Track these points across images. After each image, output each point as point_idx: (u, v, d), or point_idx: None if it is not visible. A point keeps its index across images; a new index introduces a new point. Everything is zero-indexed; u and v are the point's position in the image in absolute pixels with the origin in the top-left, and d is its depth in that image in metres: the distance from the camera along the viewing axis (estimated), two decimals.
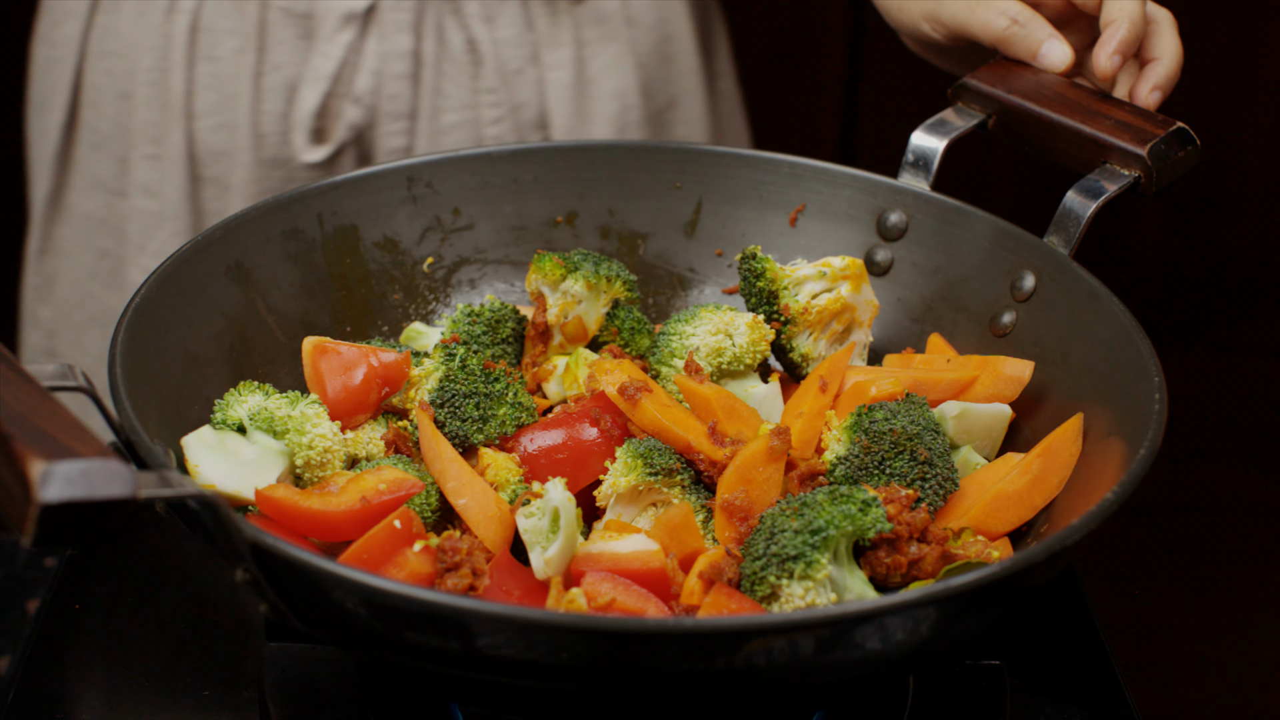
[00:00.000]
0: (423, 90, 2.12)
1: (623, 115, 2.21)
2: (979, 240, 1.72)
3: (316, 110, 2.09)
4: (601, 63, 2.20)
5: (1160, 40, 1.73)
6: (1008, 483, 1.49)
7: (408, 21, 2.09)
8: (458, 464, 1.50)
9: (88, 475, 1.12)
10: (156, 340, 1.53)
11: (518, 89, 2.16)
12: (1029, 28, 1.75)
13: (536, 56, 2.16)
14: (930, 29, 1.82)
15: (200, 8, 2.10)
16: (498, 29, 2.14)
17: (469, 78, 2.14)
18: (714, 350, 1.63)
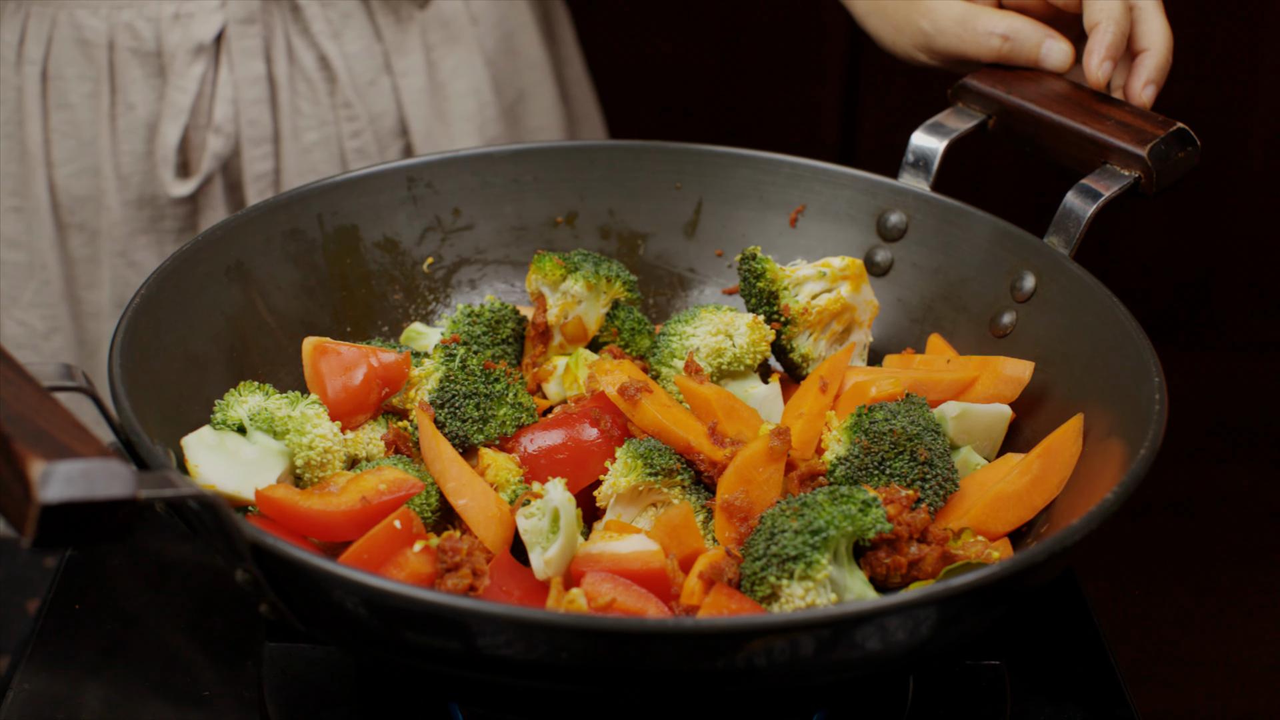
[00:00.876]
0: (281, 112, 2.12)
1: (480, 112, 2.22)
2: (979, 241, 1.72)
3: (179, 144, 2.09)
4: (451, 64, 2.21)
5: (1147, 28, 1.73)
6: (1008, 483, 1.49)
7: (257, 47, 2.09)
8: (458, 464, 1.50)
9: (88, 475, 1.12)
10: (156, 340, 1.53)
11: (373, 100, 2.16)
12: (1021, 38, 1.75)
13: (388, 66, 2.17)
14: (927, 59, 1.82)
15: (48, 57, 2.10)
16: (346, 43, 2.14)
17: (325, 94, 2.14)
18: (714, 351, 1.63)
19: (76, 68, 2.10)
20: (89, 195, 2.13)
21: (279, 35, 2.11)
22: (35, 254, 2.14)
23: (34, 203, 2.13)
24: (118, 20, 2.08)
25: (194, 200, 2.12)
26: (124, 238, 2.12)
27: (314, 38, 2.12)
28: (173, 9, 2.08)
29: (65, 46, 2.10)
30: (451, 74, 2.21)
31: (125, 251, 2.12)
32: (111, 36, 2.09)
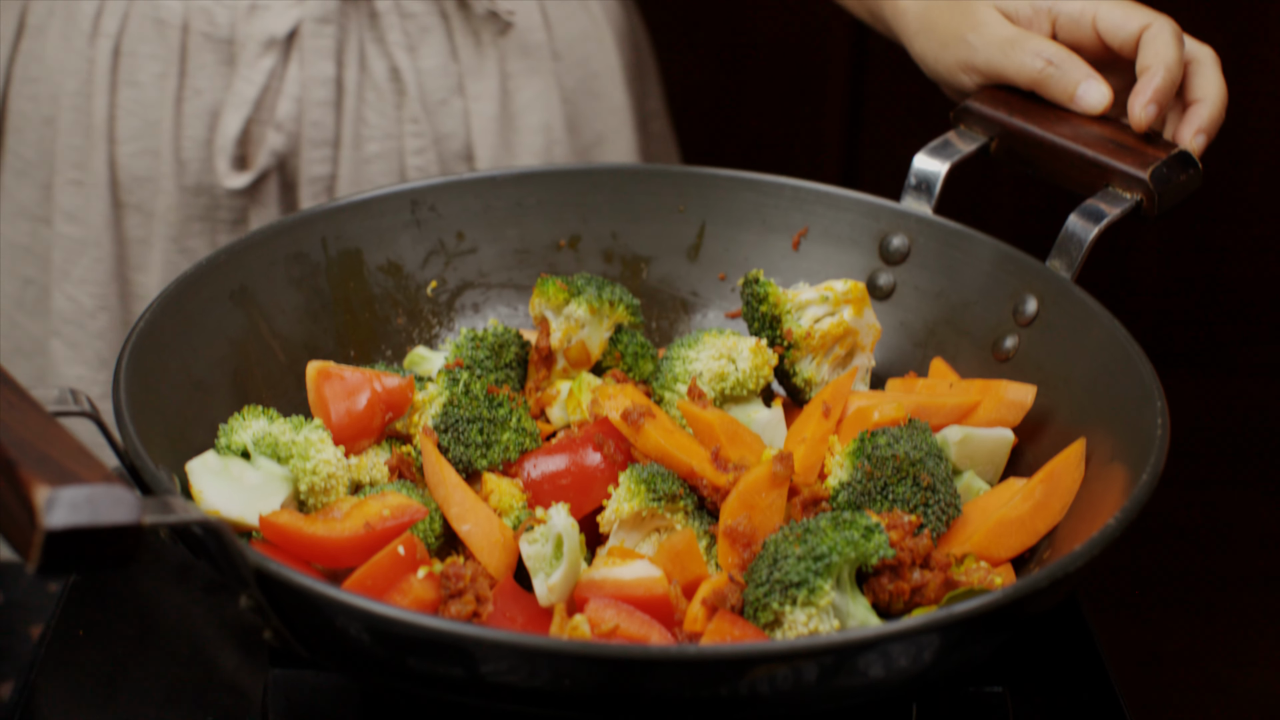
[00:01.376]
0: (345, 118, 2.11)
1: (548, 150, 2.21)
2: (981, 264, 1.72)
3: (238, 136, 2.08)
4: (527, 96, 2.19)
5: (1203, 80, 1.73)
6: (1010, 508, 1.50)
7: (330, 48, 2.08)
8: (461, 490, 1.50)
9: (93, 501, 1.12)
10: (161, 365, 1.53)
11: (441, 119, 2.15)
12: (1065, 68, 1.74)
13: (461, 87, 2.15)
14: (966, 78, 1.81)
15: (123, 33, 2.10)
16: (421, 58, 2.13)
17: (392, 107, 2.13)
18: (717, 375, 1.63)
19: (149, 46, 2.10)
20: (148, 176, 2.13)
21: (353, 39, 2.10)
22: (90, 230, 2.14)
23: (94, 178, 2.13)
24: (195, 4, 2.08)
25: (248, 195, 2.11)
26: (178, 223, 2.12)
27: (389, 47, 2.11)
28: None
29: (141, 24, 2.10)
30: (525, 106, 2.19)
31: (178, 237, 2.11)
32: (187, 19, 2.08)
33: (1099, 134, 1.72)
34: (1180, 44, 1.70)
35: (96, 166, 2.12)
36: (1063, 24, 1.76)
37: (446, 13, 2.13)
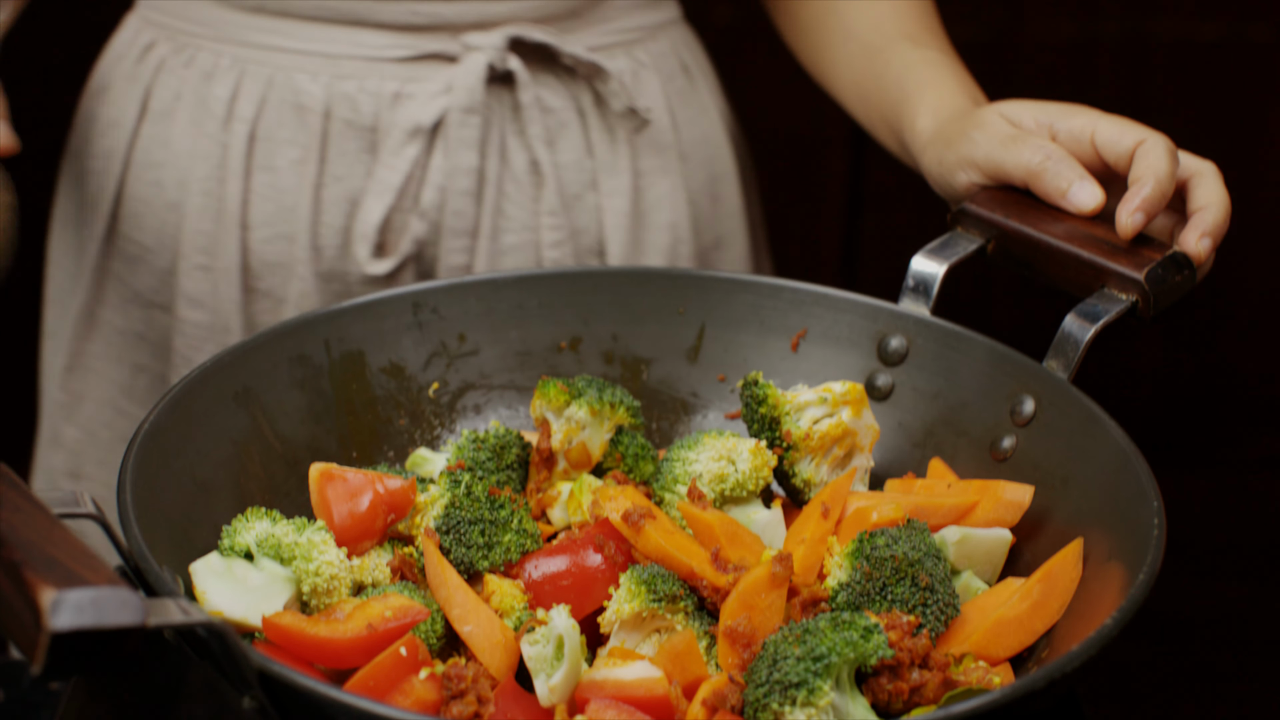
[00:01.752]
0: (484, 209, 2.12)
1: (674, 249, 2.23)
2: (979, 365, 1.74)
3: (381, 224, 2.09)
4: (656, 194, 2.21)
5: (1205, 190, 1.74)
6: (1009, 608, 1.50)
7: (474, 138, 2.09)
8: (463, 591, 1.51)
9: (98, 603, 1.13)
10: (165, 466, 1.54)
11: (577, 214, 2.17)
12: (1060, 165, 1.75)
13: (596, 183, 2.17)
14: (966, 175, 1.83)
15: (259, 118, 2.11)
16: (559, 152, 2.15)
17: (530, 199, 2.14)
18: (717, 477, 1.64)
19: (288, 132, 2.11)
20: (280, 262, 2.13)
21: (495, 131, 2.12)
22: (218, 315, 2.14)
23: (224, 263, 2.13)
24: (338, 90, 2.10)
25: (383, 281, 2.11)
26: (309, 308, 2.11)
27: (529, 140, 2.13)
28: (395, 87, 2.09)
29: (279, 109, 2.11)
30: (655, 204, 2.21)
31: None
32: (329, 105, 2.10)
33: (1094, 235, 1.73)
34: (1173, 160, 1.72)
35: (227, 252, 2.12)
36: (1063, 139, 1.78)
37: (583, 109, 2.16)
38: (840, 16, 2.14)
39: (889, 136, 2.02)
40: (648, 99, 2.19)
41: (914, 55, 2.03)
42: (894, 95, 2.00)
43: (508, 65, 2.09)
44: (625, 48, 2.19)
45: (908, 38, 2.06)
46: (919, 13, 2.11)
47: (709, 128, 2.29)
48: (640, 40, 2.21)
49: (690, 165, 2.25)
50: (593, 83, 2.15)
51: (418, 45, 2.10)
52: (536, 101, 2.12)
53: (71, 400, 2.26)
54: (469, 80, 2.08)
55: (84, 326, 2.23)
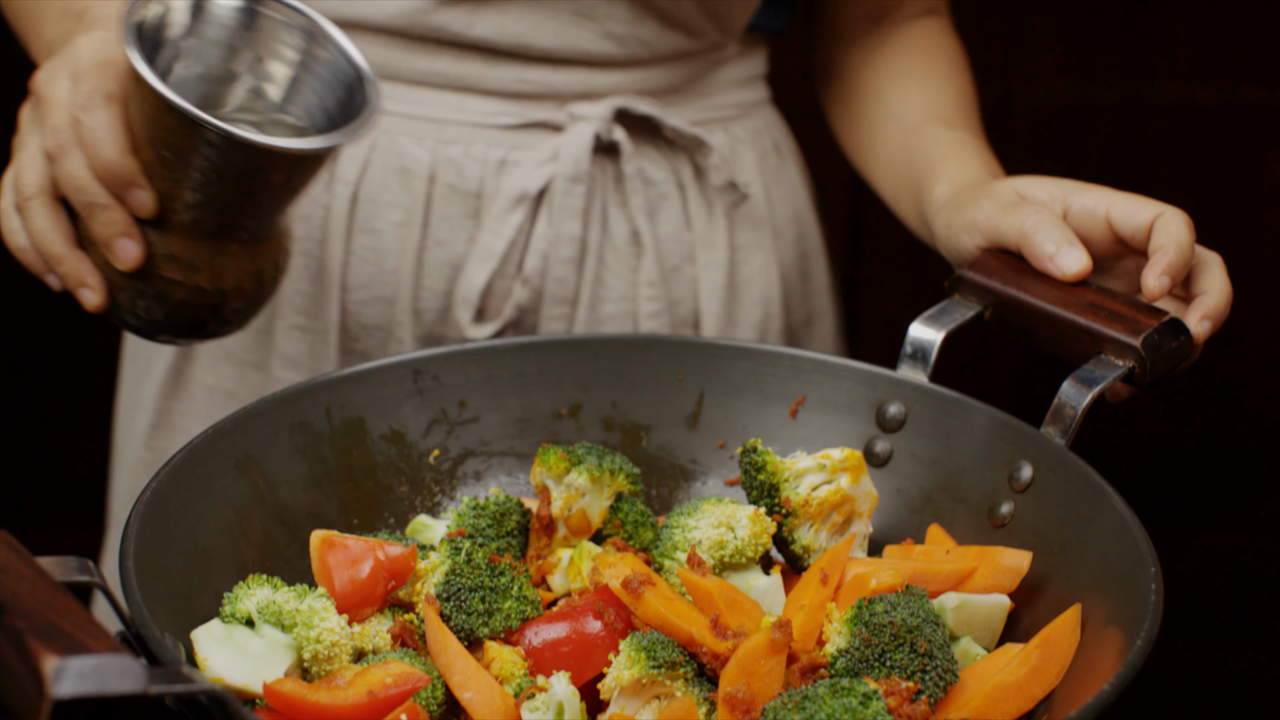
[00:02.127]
0: (585, 277, 2.13)
1: (765, 324, 2.24)
2: (977, 431, 1.74)
3: (484, 289, 2.10)
4: (750, 269, 2.23)
5: (1209, 277, 1.76)
6: (1007, 674, 1.50)
7: (578, 207, 2.10)
8: (463, 658, 1.51)
9: (100, 671, 1.14)
10: (167, 533, 1.54)
11: (674, 285, 2.18)
12: (1050, 229, 1.77)
13: (693, 255, 2.19)
14: (969, 239, 1.85)
15: (362, 179, 2.12)
16: (659, 224, 2.16)
17: (630, 269, 2.16)
18: (716, 543, 1.64)
19: (391, 195, 2.11)
20: (379, 325, 2.14)
21: (598, 200, 2.13)
22: (313, 376, 2.13)
23: (322, 324, 2.14)
24: (443, 155, 2.10)
25: None
26: None
27: (631, 210, 2.14)
28: (501, 154, 2.10)
29: (383, 172, 2.12)
30: (749, 279, 2.23)
31: None
32: (434, 170, 2.10)
33: (1091, 302, 1.74)
34: (1192, 230, 1.74)
35: (328, 314, 2.13)
36: (1075, 214, 1.80)
37: (683, 182, 2.17)
38: (885, 100, 2.19)
39: (911, 210, 2.05)
40: (744, 174, 2.21)
41: (945, 134, 2.08)
42: (920, 167, 2.04)
43: (613, 136, 2.11)
44: (723, 124, 2.22)
45: (942, 120, 2.11)
46: (957, 101, 2.17)
47: (799, 205, 2.32)
48: (736, 117, 2.24)
49: (782, 242, 2.27)
50: (693, 156, 2.17)
51: (524, 113, 2.11)
52: (639, 173, 2.14)
53: (155, 458, 2.26)
54: (575, 149, 2.09)
55: (172, 384, 2.24)
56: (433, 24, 2.06)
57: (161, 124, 1.66)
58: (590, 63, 2.10)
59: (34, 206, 1.72)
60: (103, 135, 1.69)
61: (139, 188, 1.69)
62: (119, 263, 1.71)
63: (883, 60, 2.23)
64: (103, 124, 1.69)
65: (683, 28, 2.10)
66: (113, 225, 1.70)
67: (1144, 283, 1.72)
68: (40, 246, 1.73)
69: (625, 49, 2.09)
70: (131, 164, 1.69)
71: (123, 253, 1.70)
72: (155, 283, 1.73)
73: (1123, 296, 1.75)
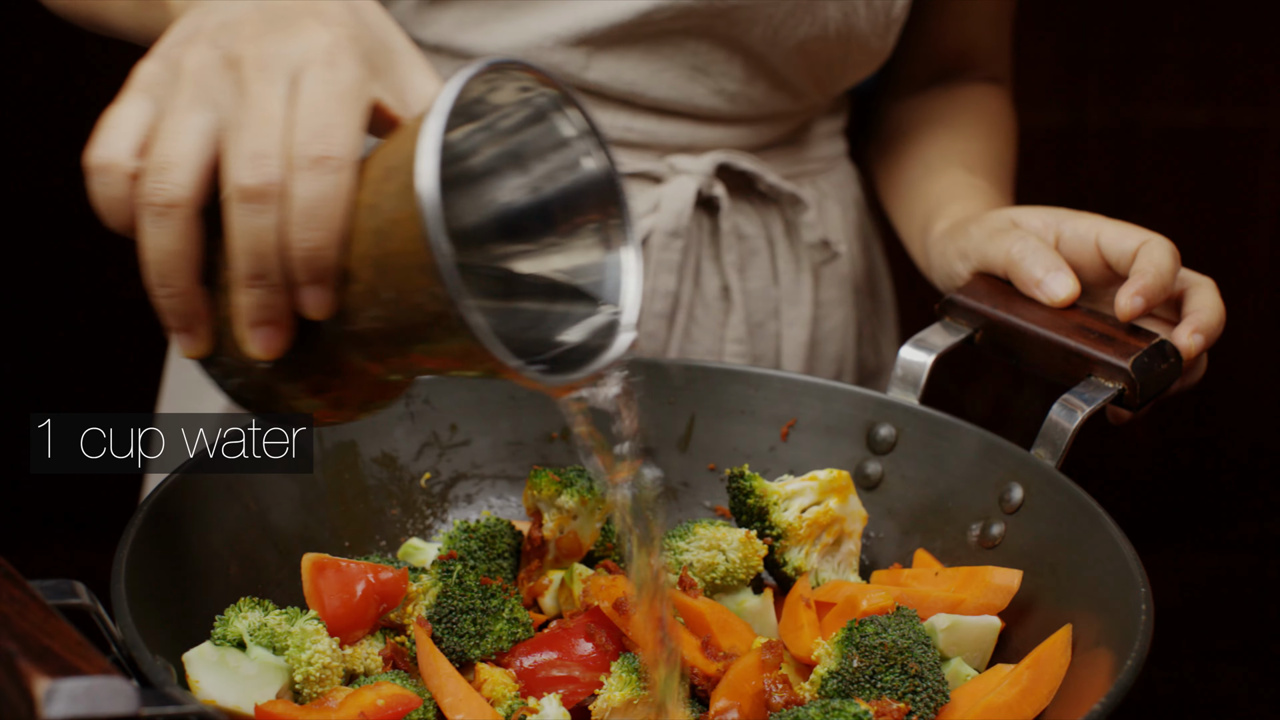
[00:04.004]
0: (675, 330, 2.13)
1: (838, 377, 2.25)
2: (967, 453, 1.75)
3: None
4: (830, 325, 2.23)
5: (1201, 297, 1.78)
6: (998, 694, 1.51)
7: (675, 261, 2.10)
8: (455, 680, 1.51)
9: (92, 693, 1.14)
10: (159, 557, 1.54)
11: (759, 340, 2.18)
12: (1037, 255, 1.78)
13: (778, 311, 2.19)
14: (961, 265, 1.87)
15: None
16: (749, 279, 2.16)
17: (718, 324, 2.16)
18: (707, 566, 1.65)
19: None
20: None
21: (692, 254, 2.12)
22: None
23: None
24: None
25: None
26: None
27: (723, 266, 2.14)
28: None
29: None
30: (827, 335, 2.23)
31: None
32: None
33: (1080, 325, 1.75)
34: (1175, 258, 1.75)
35: None
36: (1067, 239, 1.81)
37: (773, 238, 2.17)
38: (919, 145, 2.21)
39: (920, 249, 2.06)
40: (833, 230, 2.22)
41: (963, 178, 2.09)
42: (931, 206, 2.05)
43: (714, 190, 2.11)
44: (810, 178, 2.22)
45: (965, 167, 2.13)
46: (987, 156, 2.19)
47: (875, 258, 2.33)
48: (822, 172, 2.24)
49: (860, 296, 2.28)
50: (785, 212, 2.18)
51: (626, 162, 2.09)
52: (734, 229, 2.14)
53: None
54: (677, 204, 2.09)
55: None
56: (548, 62, 2.02)
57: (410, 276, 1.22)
58: (697, 116, 2.09)
59: (174, 217, 1.26)
60: (325, 209, 1.24)
61: (327, 291, 1.27)
62: (250, 347, 1.29)
63: (931, 113, 2.25)
64: (330, 192, 1.24)
65: (791, 90, 2.10)
66: (268, 311, 1.27)
67: (1116, 301, 1.73)
68: (158, 267, 1.28)
69: (734, 106, 2.09)
70: (337, 262, 1.25)
71: (264, 342, 1.29)
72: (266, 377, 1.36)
73: (1112, 319, 1.75)
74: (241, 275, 1.25)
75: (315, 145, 1.23)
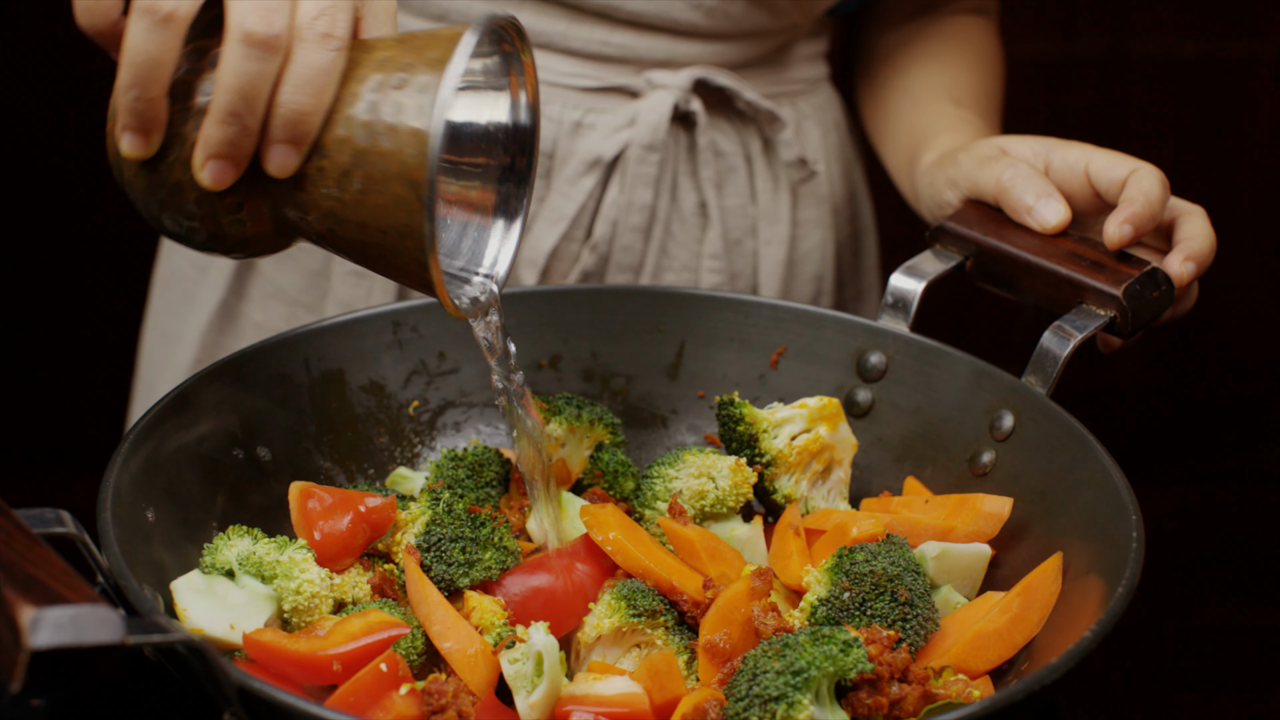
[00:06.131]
0: (651, 246, 2.12)
1: (816, 299, 2.24)
2: (958, 380, 1.74)
3: (552, 250, 2.09)
4: (808, 245, 2.22)
5: (1192, 225, 1.77)
6: (988, 622, 1.51)
7: (651, 175, 2.09)
8: (443, 608, 1.51)
9: (77, 621, 1.13)
10: (145, 485, 1.54)
11: (736, 258, 2.18)
12: (1027, 182, 1.77)
13: (755, 229, 2.18)
14: (951, 193, 1.86)
15: None
16: (726, 196, 2.15)
17: (694, 240, 2.15)
18: (697, 493, 1.64)
19: None
20: None
21: (669, 170, 2.12)
22: None
23: (380, 277, 2.11)
24: None
25: None
26: (393, 290, 2.12)
27: (700, 182, 2.13)
28: (577, 116, 2.09)
29: None
30: (806, 254, 2.22)
31: None
32: None
33: (1072, 252, 1.74)
34: (1164, 187, 1.74)
35: None
36: (1056, 168, 1.80)
37: (751, 155, 2.16)
38: (906, 78, 2.20)
39: (906, 180, 2.05)
40: (811, 150, 2.21)
41: (950, 111, 2.08)
42: (919, 138, 2.05)
43: (690, 106, 2.10)
44: (790, 99, 2.21)
45: (952, 100, 2.12)
46: (974, 88, 2.17)
47: (856, 183, 2.32)
48: (803, 93, 2.23)
49: (840, 219, 2.27)
50: (764, 130, 2.17)
51: (603, 76, 2.09)
52: (711, 145, 2.13)
53: None
54: (653, 118, 2.08)
55: (221, 320, 2.23)
56: None
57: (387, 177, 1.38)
58: (675, 31, 2.08)
59: (170, 29, 1.36)
60: (320, 80, 1.38)
61: (295, 154, 1.39)
62: (201, 174, 1.39)
63: (917, 44, 2.23)
64: (328, 67, 1.38)
65: (769, 5, 2.09)
66: (231, 148, 1.38)
67: (1105, 229, 1.73)
68: (137, 70, 1.36)
69: (711, 21, 2.08)
70: (316, 130, 1.39)
71: (216, 174, 1.39)
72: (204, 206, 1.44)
73: (1103, 247, 1.75)
74: (221, 110, 1.36)
75: (323, 22, 1.37)
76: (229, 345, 2.22)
